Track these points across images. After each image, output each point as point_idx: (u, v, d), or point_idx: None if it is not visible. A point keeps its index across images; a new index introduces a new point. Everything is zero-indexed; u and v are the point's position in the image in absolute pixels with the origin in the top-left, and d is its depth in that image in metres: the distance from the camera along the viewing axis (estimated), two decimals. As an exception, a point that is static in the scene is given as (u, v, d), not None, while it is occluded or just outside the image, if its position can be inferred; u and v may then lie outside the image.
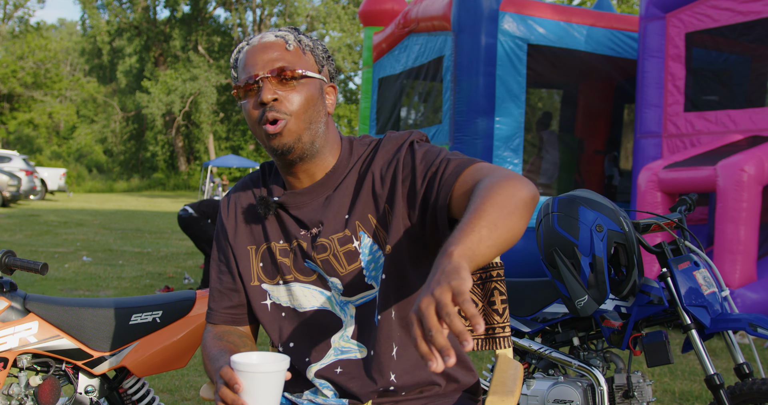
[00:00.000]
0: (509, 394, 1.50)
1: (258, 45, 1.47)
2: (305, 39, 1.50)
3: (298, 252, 1.52)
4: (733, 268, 5.16)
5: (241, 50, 1.50)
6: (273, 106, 1.41)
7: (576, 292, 2.40)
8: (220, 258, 1.62)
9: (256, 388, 1.21)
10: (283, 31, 1.49)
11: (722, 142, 5.88)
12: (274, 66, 1.43)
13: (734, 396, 2.40)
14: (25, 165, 21.01)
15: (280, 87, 1.43)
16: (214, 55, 38.84)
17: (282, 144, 1.43)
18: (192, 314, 2.44)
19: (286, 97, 1.43)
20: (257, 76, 1.43)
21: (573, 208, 2.42)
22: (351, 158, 1.54)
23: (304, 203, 1.52)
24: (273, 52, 1.45)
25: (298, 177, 1.51)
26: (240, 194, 1.62)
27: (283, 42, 1.46)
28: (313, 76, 1.47)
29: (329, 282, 1.50)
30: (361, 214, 1.49)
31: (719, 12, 6.09)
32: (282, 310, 1.54)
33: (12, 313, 2.32)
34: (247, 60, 1.46)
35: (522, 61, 7.07)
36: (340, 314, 1.50)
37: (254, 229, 1.58)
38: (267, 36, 1.48)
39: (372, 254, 1.48)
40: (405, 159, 1.47)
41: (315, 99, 1.46)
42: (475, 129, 6.94)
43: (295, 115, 1.43)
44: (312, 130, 1.45)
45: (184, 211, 7.00)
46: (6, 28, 40.34)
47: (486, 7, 6.88)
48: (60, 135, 46.67)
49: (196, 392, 3.88)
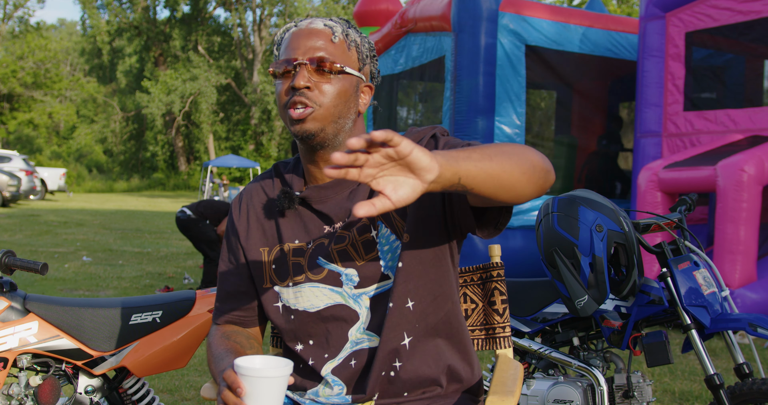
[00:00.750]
0: (509, 394, 1.50)
1: (305, 29, 1.46)
2: (353, 34, 1.49)
3: (318, 250, 1.50)
4: (733, 268, 5.16)
5: (287, 30, 1.49)
6: (303, 93, 1.41)
7: (576, 292, 2.40)
8: (230, 259, 1.60)
9: (259, 393, 1.21)
10: (333, 22, 1.48)
11: (722, 142, 5.88)
12: (315, 54, 1.42)
13: (734, 396, 2.40)
14: (25, 165, 21.01)
15: (315, 76, 1.42)
16: (214, 55, 38.84)
17: (304, 130, 1.42)
18: (192, 314, 2.44)
19: (320, 87, 1.42)
20: (295, 61, 1.42)
21: (573, 208, 2.42)
22: None
23: (328, 197, 1.51)
24: (317, 40, 1.44)
25: (320, 167, 1.50)
26: (252, 194, 1.61)
27: (330, 32, 1.45)
28: (351, 73, 1.46)
29: (342, 275, 1.49)
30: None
31: (719, 11, 6.09)
32: (291, 312, 1.53)
33: (12, 313, 2.32)
34: (291, 42, 1.45)
35: (521, 61, 7.08)
36: (355, 306, 1.49)
37: (267, 230, 1.56)
38: (316, 22, 1.47)
39: (389, 244, 1.47)
40: (426, 146, 1.47)
41: (348, 95, 1.46)
42: (475, 129, 6.94)
43: (325, 107, 1.42)
44: (338, 124, 1.45)
45: (182, 213, 6.98)
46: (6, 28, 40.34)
47: (485, 7, 6.89)
48: (60, 135, 46.67)
49: (196, 392, 3.88)
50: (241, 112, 39.29)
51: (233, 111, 39.36)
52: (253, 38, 38.33)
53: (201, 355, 4.68)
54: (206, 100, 35.07)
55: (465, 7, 6.93)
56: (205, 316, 2.45)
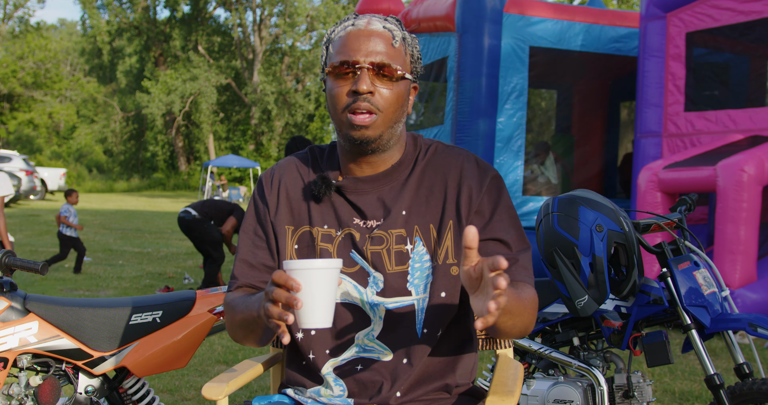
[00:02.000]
0: (509, 394, 1.50)
1: (365, 30, 1.43)
2: (408, 37, 1.48)
3: (347, 241, 1.50)
4: (733, 268, 5.16)
5: (345, 28, 1.46)
6: (367, 98, 1.40)
7: (576, 292, 2.40)
8: (256, 232, 1.56)
9: (313, 287, 1.19)
10: (390, 24, 1.46)
11: (722, 142, 5.88)
12: (377, 59, 1.41)
13: (734, 396, 2.40)
14: (25, 165, 21.00)
15: (376, 80, 1.41)
16: (214, 55, 38.82)
17: (365, 137, 1.42)
18: (192, 314, 2.44)
19: (380, 92, 1.41)
20: (357, 64, 1.40)
21: (573, 208, 2.42)
22: (414, 153, 1.54)
23: (364, 191, 1.50)
24: (378, 43, 1.42)
25: (361, 166, 1.50)
26: (285, 173, 1.58)
27: (390, 36, 1.44)
28: (408, 79, 1.46)
29: (371, 277, 1.48)
30: (422, 219, 1.48)
31: (720, 12, 6.09)
32: None
33: (12, 313, 2.32)
34: (349, 42, 1.43)
35: (524, 62, 7.07)
36: (369, 313, 1.48)
37: (296, 210, 1.55)
38: (375, 23, 1.45)
39: (421, 262, 1.47)
40: (491, 193, 1.48)
41: (404, 99, 1.46)
42: (476, 130, 6.94)
43: (386, 113, 1.42)
44: (394, 129, 1.46)
45: (186, 213, 6.94)
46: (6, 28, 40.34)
47: (490, 8, 6.88)
48: (60, 135, 46.65)
49: (197, 392, 3.87)
50: (241, 112, 39.28)
51: (233, 111, 39.34)
52: (253, 38, 38.32)
53: (201, 355, 4.68)
54: (206, 100, 35.05)
55: (469, 8, 6.93)
56: (205, 316, 2.44)
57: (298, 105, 36.04)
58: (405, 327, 1.47)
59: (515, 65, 7.04)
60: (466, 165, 1.50)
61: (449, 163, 1.51)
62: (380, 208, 1.49)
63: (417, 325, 1.47)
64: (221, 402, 1.57)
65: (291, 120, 36.52)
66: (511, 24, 7.00)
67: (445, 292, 1.48)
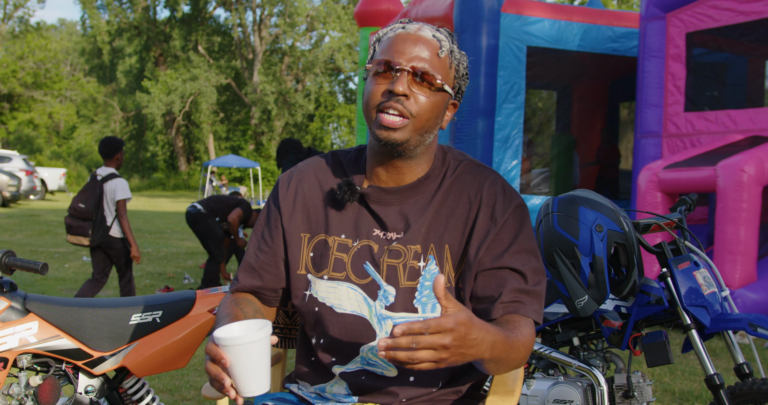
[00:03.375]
0: (509, 394, 1.51)
1: (413, 34, 1.43)
2: (457, 52, 1.47)
3: (363, 252, 1.48)
4: (733, 268, 5.16)
5: (394, 30, 1.46)
6: (401, 100, 1.39)
7: (576, 292, 2.40)
8: (264, 235, 1.56)
9: (242, 359, 1.21)
10: (441, 34, 1.45)
11: (722, 142, 5.88)
12: (419, 65, 1.40)
13: (734, 396, 2.40)
14: (25, 165, 21.00)
15: (414, 85, 1.40)
16: (214, 55, 38.82)
17: (391, 139, 1.40)
18: (192, 314, 2.44)
19: (416, 98, 1.40)
20: (398, 65, 1.40)
21: (573, 208, 2.42)
22: (442, 169, 1.52)
23: (388, 202, 1.49)
24: (424, 49, 1.42)
25: (388, 171, 1.48)
26: (303, 177, 1.57)
27: (437, 45, 1.43)
28: (447, 91, 1.45)
29: (381, 290, 1.47)
30: (440, 239, 1.47)
31: (720, 12, 6.09)
32: (316, 304, 1.50)
33: (12, 313, 2.32)
34: (395, 44, 1.42)
35: (522, 62, 7.08)
36: (376, 327, 1.47)
37: (313, 218, 1.53)
38: (425, 30, 1.44)
39: (432, 281, 1.46)
40: (513, 223, 1.47)
41: (439, 111, 1.45)
42: (475, 129, 6.95)
43: (418, 119, 1.41)
44: (423, 138, 1.44)
45: (193, 207, 7.05)
46: (6, 28, 40.34)
47: (487, 8, 6.89)
48: (60, 135, 46.66)
49: (196, 392, 3.87)
50: (241, 112, 39.28)
51: (233, 111, 39.33)
52: (253, 38, 38.32)
53: (201, 355, 4.68)
54: (206, 100, 35.05)
55: (467, 8, 6.93)
56: (205, 316, 2.44)
57: (298, 105, 36.04)
58: None
59: (513, 65, 7.04)
60: (490, 190, 1.49)
61: (475, 186, 1.49)
62: (401, 222, 1.48)
63: None
64: (221, 402, 1.57)
65: (291, 120, 36.53)
66: (509, 24, 7.01)
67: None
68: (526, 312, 1.42)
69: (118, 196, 5.37)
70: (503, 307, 1.41)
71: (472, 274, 1.45)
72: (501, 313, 1.41)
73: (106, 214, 5.38)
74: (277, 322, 1.82)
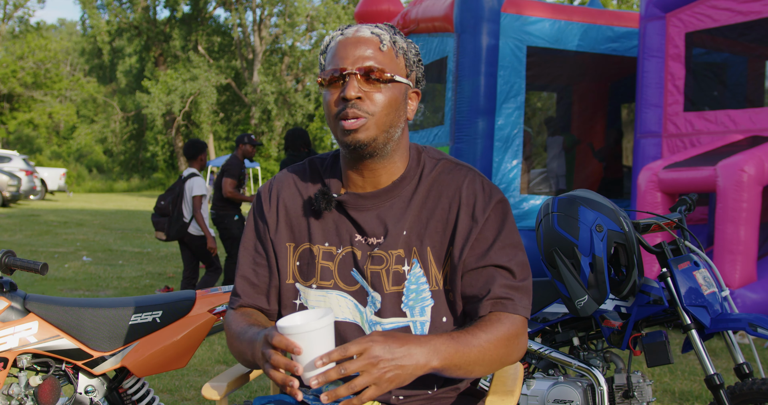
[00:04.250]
0: (509, 393, 1.51)
1: (352, 38, 1.43)
2: (400, 40, 1.47)
3: (348, 259, 1.48)
4: (733, 268, 5.16)
5: (333, 39, 1.47)
6: (355, 104, 1.39)
7: (576, 292, 2.40)
8: (257, 249, 1.56)
9: (314, 346, 1.20)
10: (379, 29, 1.46)
11: (722, 142, 5.88)
12: (364, 64, 1.40)
13: (734, 396, 2.40)
14: (25, 165, 21.00)
15: (365, 85, 1.40)
16: (214, 55, 38.81)
17: (356, 140, 1.40)
18: (192, 314, 2.44)
19: (370, 96, 1.41)
20: (344, 71, 1.40)
21: (573, 208, 2.42)
22: (417, 169, 1.51)
23: (366, 207, 1.49)
24: (365, 48, 1.42)
25: (363, 175, 1.48)
26: (283, 186, 1.57)
27: (378, 40, 1.43)
28: (400, 81, 1.44)
29: (369, 296, 1.47)
30: (421, 241, 1.47)
31: (719, 12, 6.09)
32: None
33: (12, 313, 2.32)
34: (338, 51, 1.43)
35: (522, 62, 7.08)
36: (368, 332, 1.47)
37: (296, 227, 1.53)
38: (363, 30, 1.45)
39: (417, 284, 1.46)
40: (495, 219, 1.47)
41: (398, 103, 1.45)
42: (475, 129, 6.95)
43: (377, 117, 1.41)
44: (389, 133, 1.44)
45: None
46: (6, 28, 40.33)
47: (488, 8, 6.89)
48: (60, 135, 46.65)
49: (197, 392, 3.88)
50: (241, 112, 39.28)
51: (233, 111, 39.32)
52: (253, 38, 38.31)
53: (201, 355, 4.68)
54: (206, 100, 35.04)
55: (467, 8, 6.94)
56: (205, 316, 2.44)
57: (298, 105, 36.03)
58: None
59: (513, 65, 7.04)
60: (469, 189, 1.48)
61: (453, 185, 1.49)
62: (380, 226, 1.48)
63: None
64: (221, 402, 1.57)
65: (291, 120, 36.51)
66: (509, 24, 7.01)
67: (446, 317, 1.47)
68: (515, 309, 1.42)
69: (195, 192, 5.97)
70: (491, 304, 1.42)
71: (458, 275, 1.45)
72: (489, 310, 1.42)
73: (183, 211, 5.96)
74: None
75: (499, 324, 1.40)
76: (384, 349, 1.22)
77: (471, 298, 1.45)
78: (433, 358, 1.28)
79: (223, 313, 2.49)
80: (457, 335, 1.35)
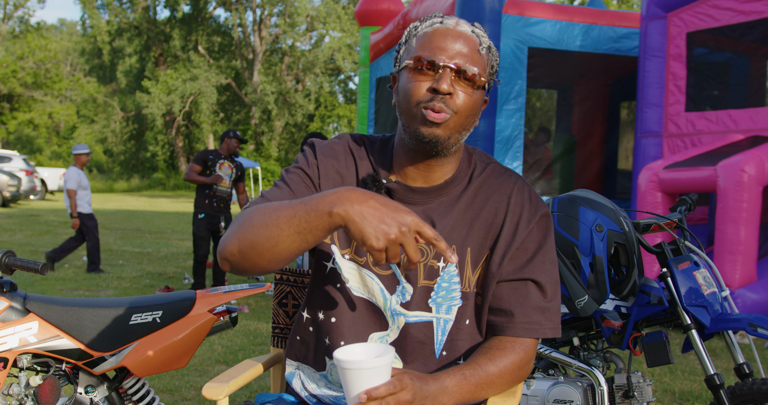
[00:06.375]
0: (510, 394, 1.50)
1: (453, 31, 1.41)
2: (493, 48, 1.46)
3: None
4: (733, 268, 5.16)
5: (431, 25, 1.43)
6: (444, 99, 1.37)
7: (576, 292, 2.40)
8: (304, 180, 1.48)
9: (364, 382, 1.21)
10: (478, 29, 1.44)
11: (723, 142, 5.88)
12: (461, 62, 1.38)
13: (734, 396, 2.40)
14: (25, 165, 21.00)
15: (457, 83, 1.38)
16: (214, 55, 38.81)
17: (434, 135, 1.38)
18: (192, 314, 2.44)
19: (459, 95, 1.38)
20: (441, 63, 1.37)
21: (573, 208, 2.42)
22: (468, 170, 1.51)
23: (414, 201, 1.47)
24: (465, 46, 1.40)
25: (418, 168, 1.46)
26: (339, 149, 1.52)
27: (477, 42, 1.41)
28: (485, 89, 1.44)
29: (400, 286, 1.46)
30: (462, 241, 1.46)
31: (720, 12, 6.09)
32: (338, 281, 1.48)
33: (12, 313, 2.32)
34: (436, 40, 1.40)
35: (523, 63, 7.07)
36: (389, 320, 1.46)
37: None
38: (463, 25, 1.42)
39: (449, 283, 1.46)
40: (538, 232, 1.47)
41: (478, 108, 1.44)
42: (476, 130, 6.94)
43: (459, 116, 1.39)
44: (461, 135, 1.42)
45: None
46: (6, 28, 40.33)
47: (488, 9, 6.89)
48: (60, 135, 46.65)
49: (197, 392, 3.87)
50: (241, 112, 39.28)
51: (233, 111, 39.32)
52: (253, 38, 38.31)
53: (201, 355, 4.68)
54: (206, 100, 35.04)
55: (468, 9, 6.93)
56: (205, 316, 2.44)
57: (298, 105, 36.02)
58: (422, 343, 1.46)
59: (514, 66, 7.04)
60: (518, 197, 1.48)
61: (502, 191, 1.49)
62: (426, 221, 1.44)
63: (436, 345, 1.47)
64: (221, 402, 1.57)
65: (291, 120, 36.51)
66: (510, 25, 7.00)
67: (470, 320, 1.47)
68: (542, 333, 1.45)
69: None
70: (520, 328, 1.45)
71: (493, 282, 1.45)
72: (516, 334, 1.45)
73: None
74: (277, 322, 1.82)
75: (512, 354, 1.43)
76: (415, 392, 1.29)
77: (500, 311, 1.46)
78: (448, 400, 1.35)
79: (223, 313, 2.49)
80: (469, 374, 1.39)
